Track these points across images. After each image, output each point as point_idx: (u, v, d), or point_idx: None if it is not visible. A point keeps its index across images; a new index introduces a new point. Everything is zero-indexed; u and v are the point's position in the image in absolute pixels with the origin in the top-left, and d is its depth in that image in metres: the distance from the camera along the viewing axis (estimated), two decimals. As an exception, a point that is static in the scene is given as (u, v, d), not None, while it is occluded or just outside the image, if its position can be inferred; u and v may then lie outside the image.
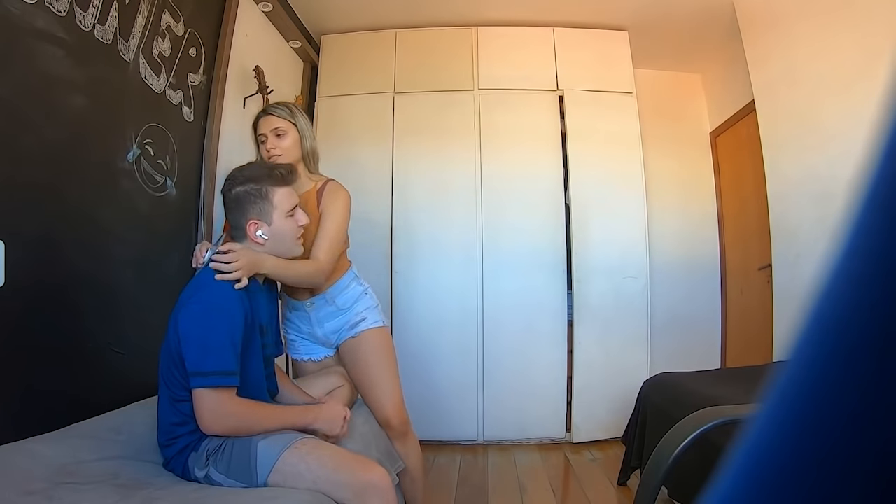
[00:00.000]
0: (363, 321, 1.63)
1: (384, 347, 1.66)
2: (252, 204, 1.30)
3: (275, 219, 1.31)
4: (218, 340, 1.15)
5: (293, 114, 1.61)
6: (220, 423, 1.16)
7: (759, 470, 0.17)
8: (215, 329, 1.16)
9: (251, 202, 1.30)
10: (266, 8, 2.62)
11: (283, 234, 1.33)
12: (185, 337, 1.16)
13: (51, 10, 1.34)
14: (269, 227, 1.31)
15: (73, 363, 1.43)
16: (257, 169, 1.35)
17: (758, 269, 3.05)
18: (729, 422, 1.20)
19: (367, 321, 1.63)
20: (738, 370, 2.28)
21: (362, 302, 1.66)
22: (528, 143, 2.99)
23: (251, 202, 1.30)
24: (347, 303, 1.64)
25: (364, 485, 1.14)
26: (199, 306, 1.18)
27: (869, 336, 0.15)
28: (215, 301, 1.18)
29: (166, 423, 1.23)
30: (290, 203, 1.34)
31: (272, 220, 1.31)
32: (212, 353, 1.14)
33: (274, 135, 1.59)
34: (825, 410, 0.16)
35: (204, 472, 1.18)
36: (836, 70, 2.14)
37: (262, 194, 1.30)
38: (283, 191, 1.33)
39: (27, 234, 1.30)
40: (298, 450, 1.16)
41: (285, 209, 1.33)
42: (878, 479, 0.14)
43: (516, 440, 2.90)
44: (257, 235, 1.30)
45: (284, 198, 1.33)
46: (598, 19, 3.05)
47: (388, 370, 1.65)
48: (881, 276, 0.15)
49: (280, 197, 1.32)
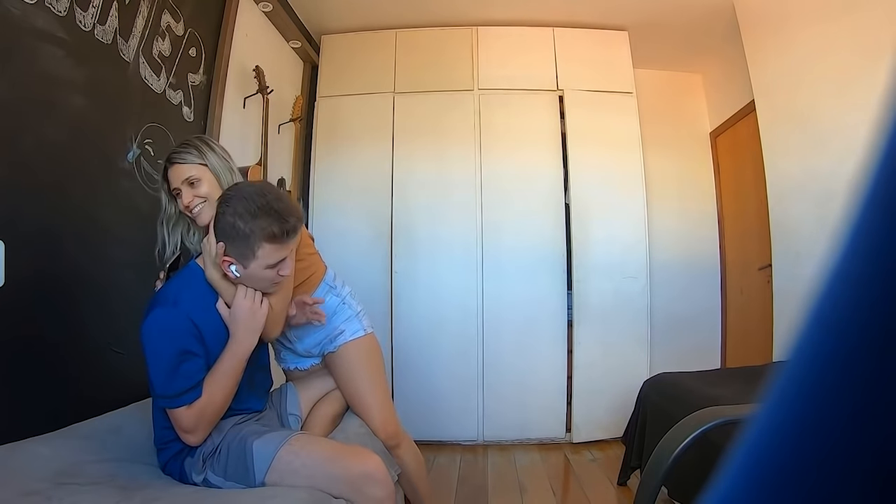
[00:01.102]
0: (341, 334, 1.54)
1: (365, 359, 1.55)
2: (234, 243, 1.16)
3: (252, 266, 1.18)
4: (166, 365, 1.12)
5: (202, 153, 1.37)
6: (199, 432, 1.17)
7: (759, 470, 0.17)
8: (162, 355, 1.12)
9: (234, 240, 1.16)
10: (266, 8, 2.62)
11: (256, 279, 1.21)
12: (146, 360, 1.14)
13: (51, 10, 1.34)
14: (245, 270, 1.19)
15: (73, 363, 1.43)
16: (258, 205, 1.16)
17: (758, 269, 3.05)
18: (729, 422, 1.20)
19: (344, 334, 1.54)
20: (738, 370, 2.28)
21: (340, 314, 1.55)
22: (528, 144, 2.99)
23: (234, 240, 1.16)
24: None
25: (358, 476, 1.15)
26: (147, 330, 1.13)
27: (869, 336, 0.15)
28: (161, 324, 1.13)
29: (158, 428, 1.23)
30: (274, 258, 1.19)
31: (249, 266, 1.18)
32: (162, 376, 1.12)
33: (187, 185, 1.34)
34: (825, 410, 0.16)
35: (202, 477, 1.18)
36: (836, 70, 2.14)
37: (248, 242, 1.16)
38: (271, 248, 1.17)
39: (27, 233, 1.30)
40: (292, 446, 1.16)
41: (267, 263, 1.19)
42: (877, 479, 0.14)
43: (516, 440, 2.90)
44: (230, 269, 1.19)
45: (270, 254, 1.18)
46: (598, 19, 3.06)
47: (371, 382, 1.56)
48: (881, 276, 0.15)
49: (265, 252, 1.17)
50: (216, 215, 1.20)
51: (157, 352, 1.12)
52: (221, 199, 1.21)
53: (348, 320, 1.56)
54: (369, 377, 1.56)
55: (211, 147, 1.39)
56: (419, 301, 2.93)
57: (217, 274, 1.23)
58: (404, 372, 2.91)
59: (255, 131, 2.48)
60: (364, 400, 1.55)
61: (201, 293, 1.22)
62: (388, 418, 1.56)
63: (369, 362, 1.57)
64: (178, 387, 1.12)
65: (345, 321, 1.55)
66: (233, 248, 1.17)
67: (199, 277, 1.24)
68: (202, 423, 1.16)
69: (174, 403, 1.13)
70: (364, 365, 1.55)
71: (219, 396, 1.17)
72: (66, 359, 1.41)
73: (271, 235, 1.16)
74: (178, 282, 1.24)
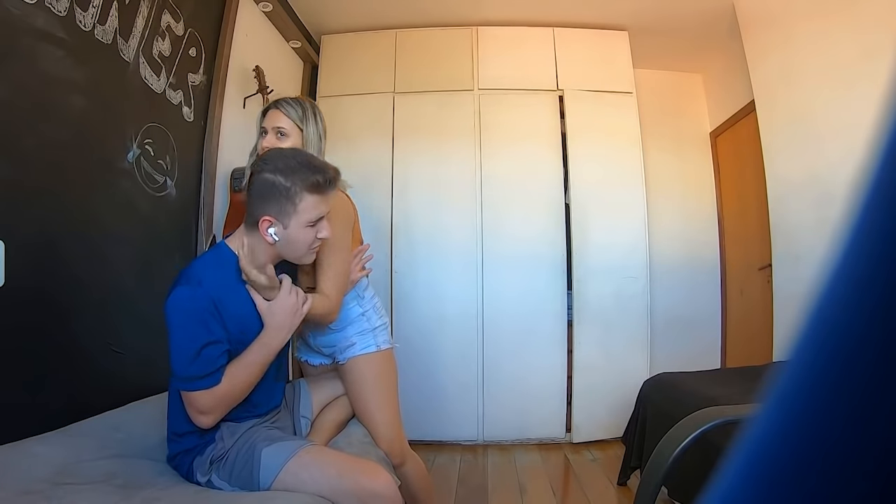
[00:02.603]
0: (351, 347, 1.49)
1: (372, 376, 1.49)
2: (274, 199, 1.16)
3: (292, 225, 1.18)
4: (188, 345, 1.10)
5: (305, 118, 1.45)
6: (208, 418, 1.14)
7: (759, 470, 0.17)
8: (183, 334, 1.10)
9: (274, 197, 1.16)
10: (266, 8, 2.62)
11: (296, 241, 1.20)
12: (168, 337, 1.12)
13: (51, 10, 1.34)
14: (284, 231, 1.18)
15: (72, 363, 1.43)
16: (298, 161, 1.18)
17: (758, 270, 3.05)
18: (729, 422, 1.20)
19: (354, 347, 1.49)
20: (738, 370, 2.28)
21: (356, 325, 1.51)
22: (528, 143, 2.99)
23: (274, 197, 1.16)
24: (340, 324, 1.49)
25: (369, 492, 1.13)
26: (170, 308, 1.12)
27: (869, 336, 0.15)
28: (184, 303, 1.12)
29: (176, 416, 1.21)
30: (315, 214, 1.19)
31: (289, 225, 1.18)
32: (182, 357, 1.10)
33: (275, 133, 1.44)
34: (825, 410, 0.16)
35: (206, 478, 1.17)
36: (836, 70, 2.14)
37: (288, 195, 1.16)
38: (313, 199, 1.17)
39: (27, 233, 1.29)
40: (301, 458, 1.14)
41: (308, 219, 1.18)
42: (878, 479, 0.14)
43: (516, 440, 2.90)
44: (268, 233, 1.17)
45: (311, 207, 1.18)
46: (598, 19, 3.06)
47: (379, 400, 1.50)
48: (881, 276, 0.15)
49: (307, 205, 1.17)
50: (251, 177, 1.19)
51: (179, 331, 1.11)
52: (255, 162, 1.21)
53: (362, 334, 1.50)
54: (377, 394, 1.50)
55: (316, 118, 1.47)
56: (419, 300, 2.93)
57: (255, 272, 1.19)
58: (404, 371, 2.87)
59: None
60: (371, 416, 1.50)
61: (227, 275, 1.19)
62: (394, 438, 1.51)
63: (377, 379, 1.50)
64: (197, 370, 1.10)
65: (358, 334, 1.50)
66: (272, 206, 1.16)
67: (227, 259, 1.21)
68: (218, 409, 1.14)
69: (191, 386, 1.11)
70: (372, 382, 1.49)
71: (241, 386, 1.16)
72: (66, 358, 1.41)
73: (314, 185, 1.16)
74: (204, 261, 1.22)
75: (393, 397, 1.55)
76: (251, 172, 1.22)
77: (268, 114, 1.47)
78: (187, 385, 1.11)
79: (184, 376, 1.11)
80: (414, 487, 1.56)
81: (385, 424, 1.50)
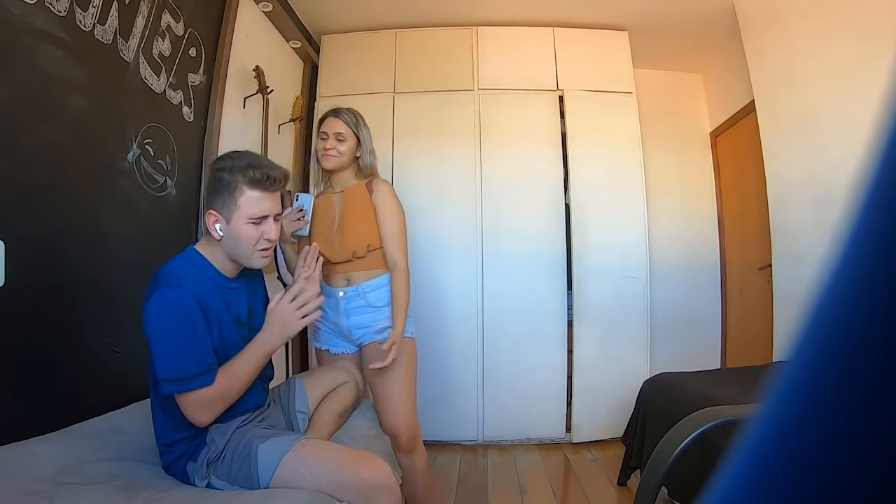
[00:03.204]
0: (389, 328, 1.58)
1: (403, 359, 1.59)
2: (219, 194, 1.18)
3: (234, 219, 1.18)
4: (174, 346, 1.09)
5: (358, 125, 1.71)
6: (208, 414, 1.14)
7: (759, 470, 0.17)
8: (170, 335, 1.10)
9: (219, 192, 1.18)
10: (266, 8, 2.62)
11: (239, 238, 1.19)
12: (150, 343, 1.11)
13: (51, 10, 1.34)
14: (227, 226, 1.19)
15: (72, 363, 1.43)
16: (243, 160, 1.20)
17: (758, 270, 3.05)
18: (729, 422, 1.20)
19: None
20: (738, 370, 2.28)
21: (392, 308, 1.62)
22: (528, 143, 2.99)
23: (219, 192, 1.18)
24: (379, 301, 1.62)
25: (368, 484, 1.12)
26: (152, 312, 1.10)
27: (869, 336, 0.15)
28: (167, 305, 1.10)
29: (161, 428, 1.21)
30: (257, 210, 1.18)
31: (231, 220, 1.19)
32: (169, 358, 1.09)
33: (335, 138, 1.67)
34: (825, 410, 0.16)
35: (205, 482, 1.17)
36: (836, 70, 2.14)
37: (230, 189, 1.17)
38: (253, 195, 1.18)
39: (27, 233, 1.29)
40: (298, 452, 1.14)
41: (249, 214, 1.18)
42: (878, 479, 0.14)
43: (516, 440, 2.90)
44: (214, 228, 1.19)
45: (252, 202, 1.18)
46: (598, 19, 3.05)
47: (403, 382, 1.60)
48: (881, 276, 0.15)
49: (247, 200, 1.17)
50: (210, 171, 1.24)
51: (166, 333, 1.09)
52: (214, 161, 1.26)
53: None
54: (404, 377, 1.61)
55: (365, 124, 1.74)
56: (419, 300, 2.91)
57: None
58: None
59: (255, 131, 2.48)
60: (393, 397, 1.59)
61: (201, 276, 1.21)
62: (411, 421, 1.60)
63: (406, 363, 1.61)
64: (188, 370, 1.09)
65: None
66: (217, 201, 1.18)
67: (198, 261, 1.23)
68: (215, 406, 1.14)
69: (184, 387, 1.09)
70: (401, 364, 1.59)
71: (238, 382, 1.16)
72: (66, 358, 1.41)
73: (254, 180, 1.17)
74: (176, 264, 1.20)
75: (414, 383, 1.65)
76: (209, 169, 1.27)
77: (326, 121, 1.72)
78: (180, 386, 1.10)
79: (175, 377, 1.09)
80: (417, 479, 1.61)
81: (405, 405, 1.60)
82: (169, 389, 1.11)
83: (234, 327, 1.24)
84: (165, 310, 1.10)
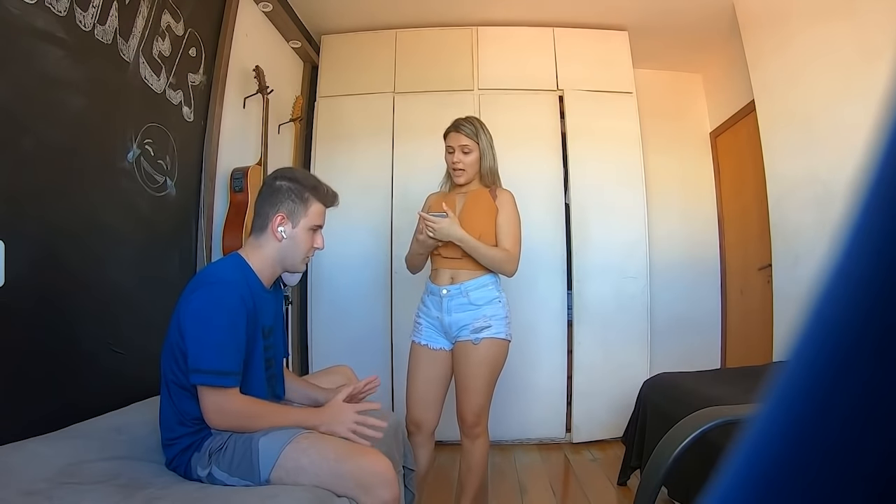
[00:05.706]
0: (488, 328, 1.68)
1: (495, 361, 1.71)
2: (289, 200, 1.32)
3: (300, 225, 1.33)
4: (218, 338, 1.15)
5: (477, 132, 1.77)
6: (224, 420, 1.18)
7: (759, 470, 0.17)
8: (216, 327, 1.16)
9: (289, 198, 1.32)
10: (266, 8, 2.62)
11: (297, 243, 1.34)
12: (186, 332, 1.16)
13: (51, 10, 1.34)
14: (292, 230, 1.32)
15: (72, 363, 1.43)
16: (309, 177, 1.39)
17: (758, 270, 3.05)
18: (729, 422, 1.20)
19: (491, 329, 1.69)
20: (738, 370, 2.28)
21: (493, 307, 1.72)
22: (528, 143, 2.99)
23: (289, 198, 1.32)
24: (480, 300, 1.71)
25: (368, 475, 1.14)
26: (201, 302, 1.18)
27: (869, 336, 0.15)
28: (217, 298, 1.18)
29: (168, 422, 1.23)
30: (319, 220, 1.36)
31: (297, 224, 1.33)
32: (211, 350, 1.14)
33: (461, 151, 1.76)
34: (825, 411, 0.16)
35: (207, 471, 1.18)
36: (837, 70, 2.14)
37: (302, 198, 1.33)
38: (319, 207, 1.36)
39: (27, 234, 1.30)
40: (299, 444, 1.16)
41: (312, 223, 1.35)
42: (878, 480, 0.14)
43: (516, 440, 2.90)
44: (279, 230, 1.31)
45: (317, 213, 1.36)
46: (598, 19, 3.05)
47: (488, 382, 1.72)
48: (881, 277, 0.15)
49: (315, 210, 1.35)
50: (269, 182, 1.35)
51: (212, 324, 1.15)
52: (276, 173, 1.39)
53: (497, 318, 1.71)
54: (490, 377, 1.72)
55: (485, 129, 1.80)
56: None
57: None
58: (404, 371, 2.89)
59: (255, 131, 2.48)
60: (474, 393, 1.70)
61: (245, 279, 1.27)
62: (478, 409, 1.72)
63: (496, 365, 1.73)
64: (226, 365, 1.14)
65: (494, 317, 1.71)
66: (285, 206, 1.32)
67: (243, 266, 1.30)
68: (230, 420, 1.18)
69: (216, 381, 1.14)
70: (491, 366, 1.71)
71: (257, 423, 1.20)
72: (66, 358, 1.41)
73: (323, 194, 1.37)
74: (224, 266, 1.30)
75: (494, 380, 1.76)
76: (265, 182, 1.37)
77: (449, 135, 1.81)
78: (214, 379, 1.14)
79: (213, 370, 1.14)
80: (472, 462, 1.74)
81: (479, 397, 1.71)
82: (202, 380, 1.15)
83: (260, 337, 1.29)
84: (218, 304, 1.17)
